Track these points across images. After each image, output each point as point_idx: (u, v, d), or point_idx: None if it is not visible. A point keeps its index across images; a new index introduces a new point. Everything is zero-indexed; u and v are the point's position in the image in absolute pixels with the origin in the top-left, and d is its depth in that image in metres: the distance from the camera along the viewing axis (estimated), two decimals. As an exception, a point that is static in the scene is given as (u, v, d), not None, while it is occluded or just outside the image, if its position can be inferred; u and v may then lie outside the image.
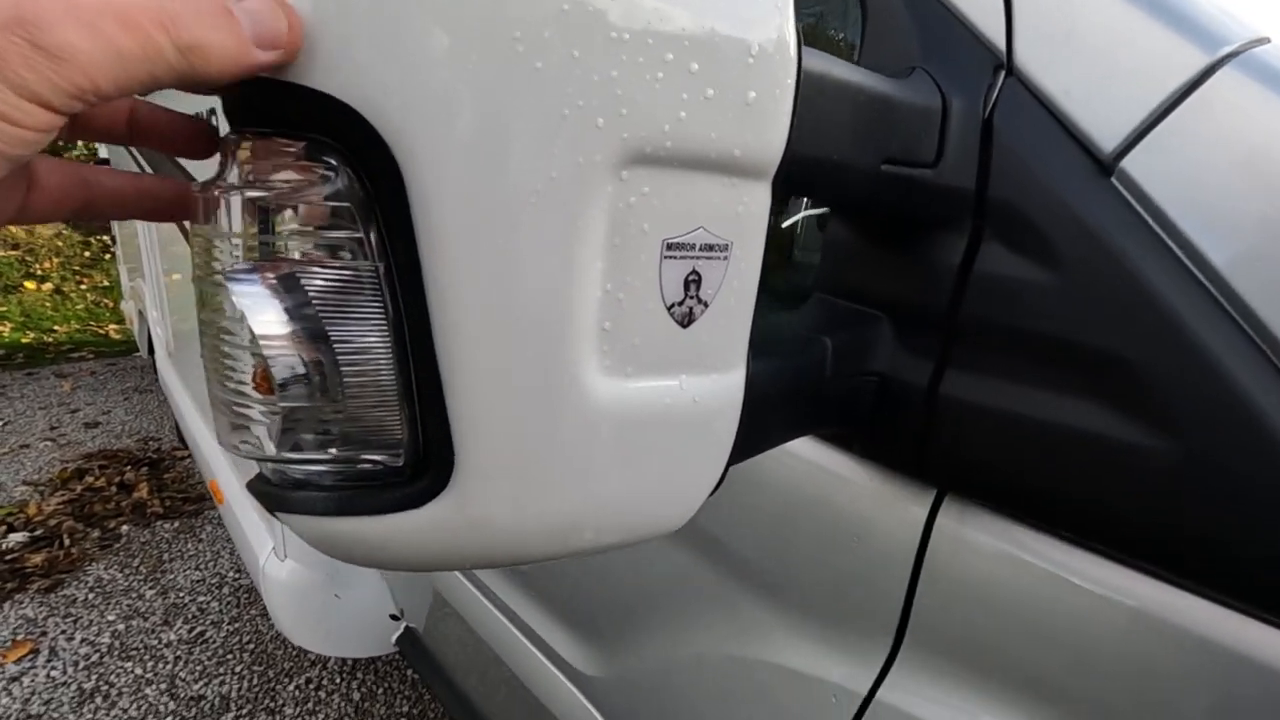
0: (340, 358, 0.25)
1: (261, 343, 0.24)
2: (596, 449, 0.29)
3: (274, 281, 0.24)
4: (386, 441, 0.27)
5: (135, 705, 1.66)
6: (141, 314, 3.00)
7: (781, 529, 0.59)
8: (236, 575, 2.17)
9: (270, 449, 0.26)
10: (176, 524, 2.46)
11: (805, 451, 0.56)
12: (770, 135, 0.29)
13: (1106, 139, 0.41)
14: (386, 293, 0.25)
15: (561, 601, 0.91)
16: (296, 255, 0.24)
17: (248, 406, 0.26)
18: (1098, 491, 0.40)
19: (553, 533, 0.30)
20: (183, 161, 1.52)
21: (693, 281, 0.30)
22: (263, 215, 0.24)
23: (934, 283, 0.44)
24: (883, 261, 0.47)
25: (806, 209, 0.67)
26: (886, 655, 0.53)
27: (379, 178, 0.24)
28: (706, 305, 0.31)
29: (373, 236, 0.24)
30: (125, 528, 2.41)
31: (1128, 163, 0.40)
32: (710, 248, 0.30)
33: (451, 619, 1.20)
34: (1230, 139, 0.39)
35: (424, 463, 0.28)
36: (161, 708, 1.66)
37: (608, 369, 0.29)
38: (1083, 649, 0.43)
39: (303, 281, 0.24)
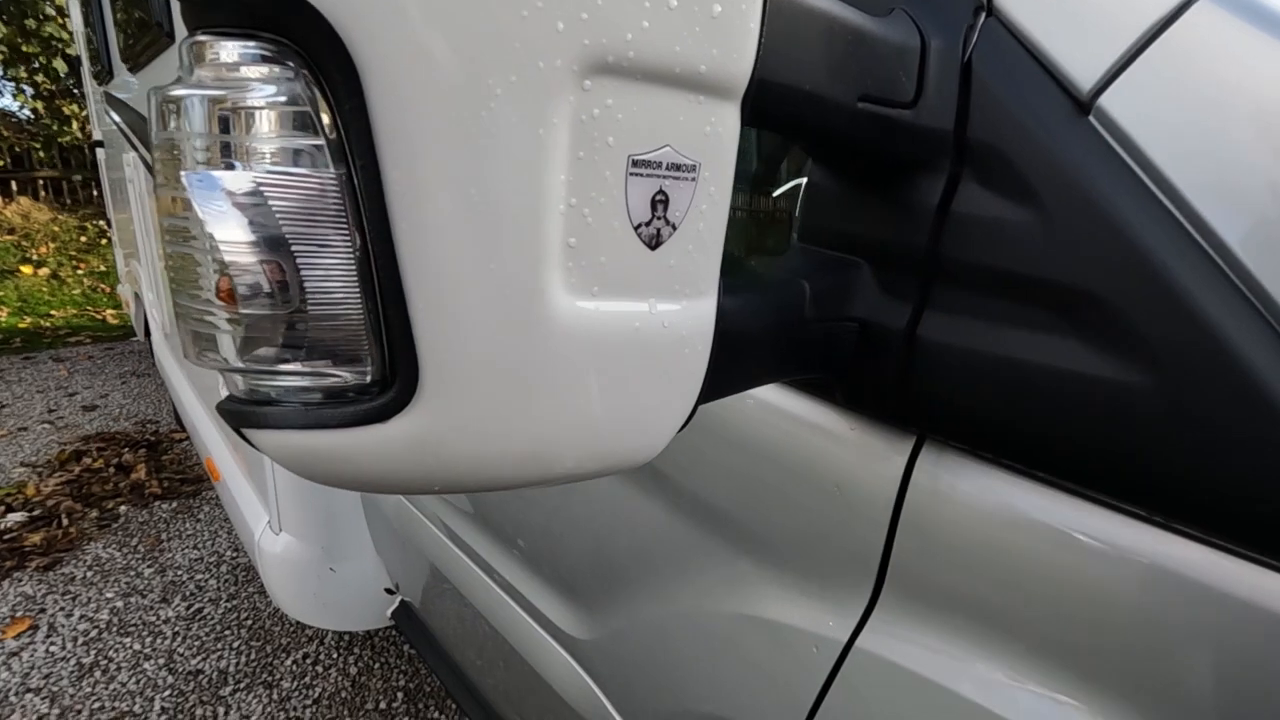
0: (301, 264, 0.25)
1: (222, 247, 0.24)
2: (563, 368, 0.29)
3: (234, 186, 0.24)
4: (353, 356, 0.28)
5: (134, 679, 1.67)
6: (138, 296, 2.99)
7: (763, 483, 0.59)
8: (234, 554, 2.18)
9: (235, 360, 0.27)
10: (174, 504, 2.46)
11: (785, 404, 0.56)
12: (737, 52, 0.29)
13: (1083, 78, 0.40)
14: (348, 200, 0.25)
15: (552, 567, 0.92)
16: (257, 160, 0.24)
17: (211, 314, 0.26)
18: (1076, 429, 0.40)
19: (520, 455, 0.30)
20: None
21: (660, 202, 0.30)
22: (223, 119, 0.24)
23: (912, 225, 0.44)
24: (862, 206, 0.47)
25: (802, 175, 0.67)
26: (866, 603, 0.53)
27: (338, 80, 0.23)
28: (675, 228, 0.31)
29: (333, 141, 0.24)
30: (123, 508, 2.42)
31: (1104, 101, 0.40)
32: (678, 167, 0.30)
33: (446, 591, 1.21)
34: (1206, 73, 0.38)
35: (390, 378, 0.28)
36: (160, 681, 1.67)
37: (573, 287, 0.29)
38: (1062, 590, 0.43)
39: (263, 187, 0.24)
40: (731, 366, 0.39)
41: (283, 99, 0.24)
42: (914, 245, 0.44)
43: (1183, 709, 0.39)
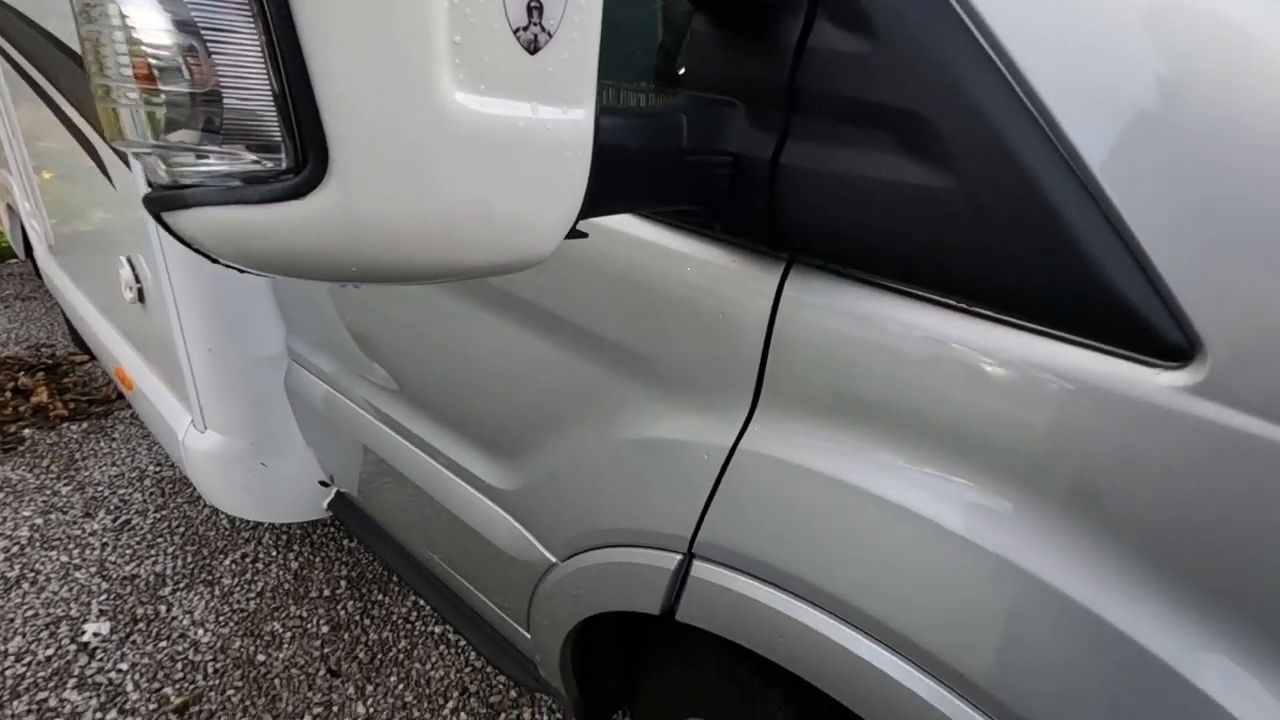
0: (212, 49, 0.28)
1: (137, 27, 0.27)
2: (457, 157, 0.34)
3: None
4: (267, 143, 0.31)
5: (66, 588, 1.68)
6: (11, 209, 2.75)
7: (655, 315, 0.66)
8: (158, 468, 2.15)
9: (156, 140, 0.30)
10: (85, 425, 2.38)
11: (670, 242, 0.62)
12: None
13: (916, -80, 0.46)
14: (250, -12, 0.28)
15: (474, 427, 0.98)
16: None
17: (131, 94, 0.29)
18: (902, 233, 0.48)
19: (422, 238, 0.35)
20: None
21: (535, 9, 0.34)
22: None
23: (775, 61, 0.50)
24: (734, 48, 0.52)
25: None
26: (747, 411, 0.62)
27: None
28: (551, 35, 0.35)
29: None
30: (28, 431, 2.32)
31: (934, -58, 0.46)
32: (549, -24, 0.34)
33: (381, 472, 1.26)
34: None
35: (303, 162, 0.32)
36: (94, 587, 1.68)
37: (461, 83, 0.33)
38: (900, 378, 0.52)
39: (169, -28, 0.27)
40: (613, 182, 0.45)
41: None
42: (776, 80, 0.50)
43: (1046, 477, 0.47)
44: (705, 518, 0.66)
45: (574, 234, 0.44)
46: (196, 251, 0.36)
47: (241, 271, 0.37)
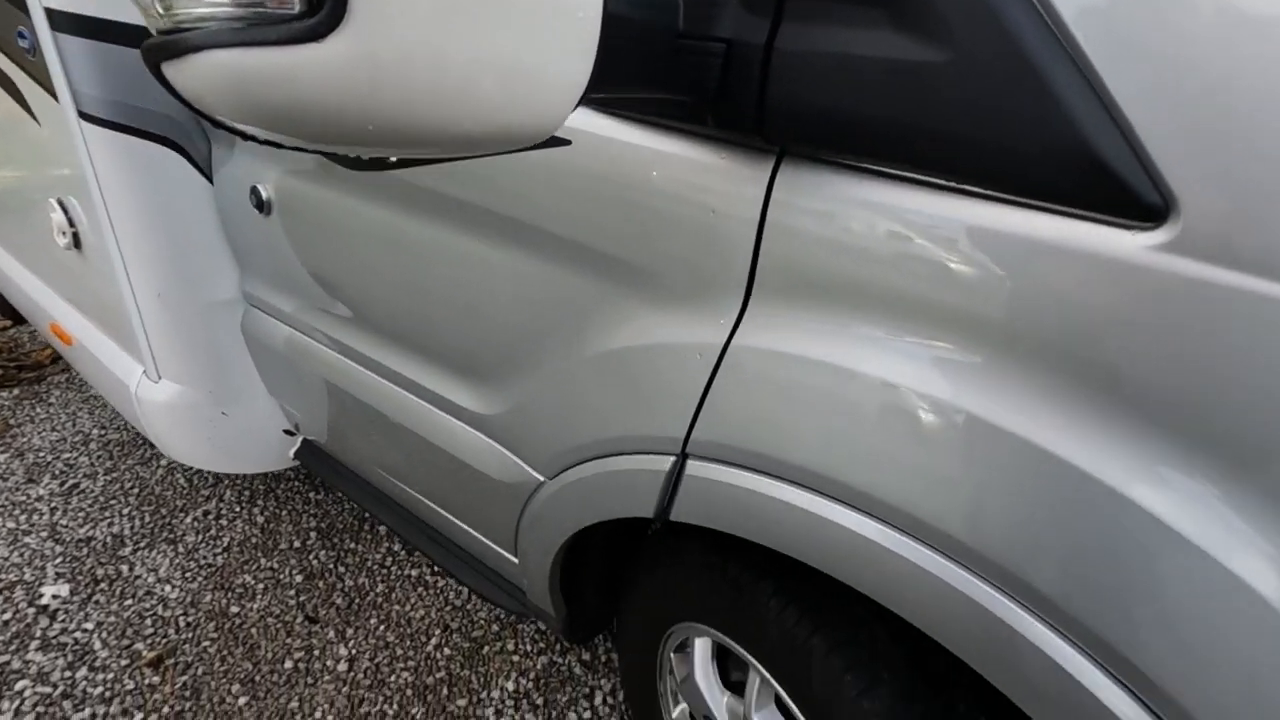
0: None
1: None
2: (471, 4, 0.33)
3: None
4: (278, -16, 0.30)
5: (16, 553, 1.61)
6: (-91, 162, 2.51)
7: (640, 220, 0.66)
8: (102, 431, 2.06)
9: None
10: (16, 391, 2.25)
11: (657, 144, 0.62)
12: None
13: None
14: None
15: (453, 354, 0.97)
16: None
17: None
18: (893, 111, 0.49)
19: (442, 89, 0.34)
20: None
21: None
22: None
23: (768, -59, 0.49)
24: (726, -71, 0.52)
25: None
26: (739, 307, 0.64)
27: None
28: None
29: None
30: (-48, 400, 2.18)
31: None
32: None
33: (351, 413, 1.24)
34: None
35: (317, 5, 0.31)
36: (47, 551, 1.62)
37: (477, -76, 0.32)
38: (891, 258, 0.54)
39: None
40: (616, 58, 0.44)
41: None
42: (771, -40, 0.50)
43: (1010, 336, 0.50)
44: (698, 417, 0.68)
45: (557, 141, 0.44)
46: (194, 110, 0.34)
47: (244, 137, 0.36)
